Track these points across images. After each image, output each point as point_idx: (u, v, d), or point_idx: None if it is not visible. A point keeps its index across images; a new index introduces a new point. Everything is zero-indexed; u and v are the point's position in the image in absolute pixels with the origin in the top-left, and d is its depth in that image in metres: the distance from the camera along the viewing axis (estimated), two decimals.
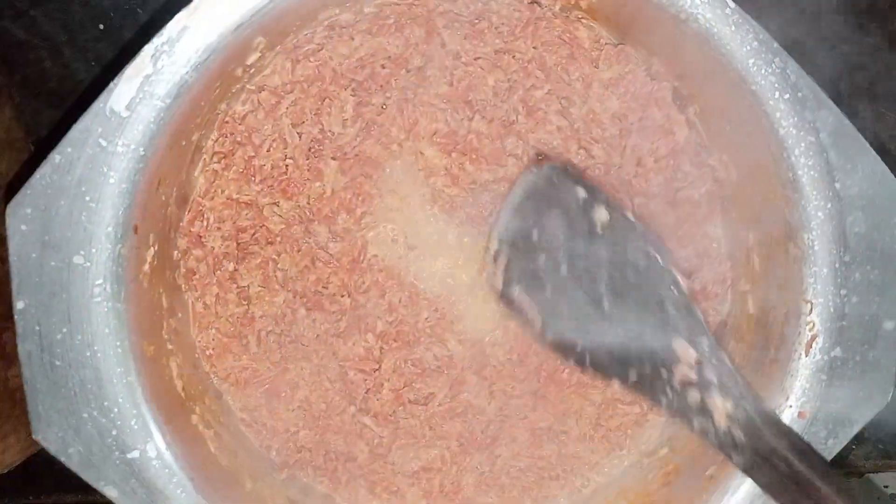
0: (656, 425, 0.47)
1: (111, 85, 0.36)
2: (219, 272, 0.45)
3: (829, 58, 0.57)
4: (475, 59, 0.44)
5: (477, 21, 0.44)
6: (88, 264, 0.37)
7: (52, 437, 0.37)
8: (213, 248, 0.45)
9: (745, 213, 0.44)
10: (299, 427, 0.46)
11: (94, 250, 0.37)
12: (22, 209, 0.36)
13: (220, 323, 0.45)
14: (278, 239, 0.45)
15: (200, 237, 0.44)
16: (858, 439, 0.62)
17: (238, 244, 0.45)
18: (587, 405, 0.46)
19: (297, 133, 0.44)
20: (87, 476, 0.38)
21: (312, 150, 0.45)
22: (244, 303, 0.45)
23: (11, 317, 0.51)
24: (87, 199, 0.36)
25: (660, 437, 0.47)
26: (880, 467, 0.64)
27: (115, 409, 0.38)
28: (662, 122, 0.44)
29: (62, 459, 0.38)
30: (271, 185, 0.45)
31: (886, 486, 0.67)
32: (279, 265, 0.45)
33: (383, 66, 0.44)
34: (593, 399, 0.46)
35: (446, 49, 0.43)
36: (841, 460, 0.62)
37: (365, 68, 0.44)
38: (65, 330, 0.37)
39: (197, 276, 0.45)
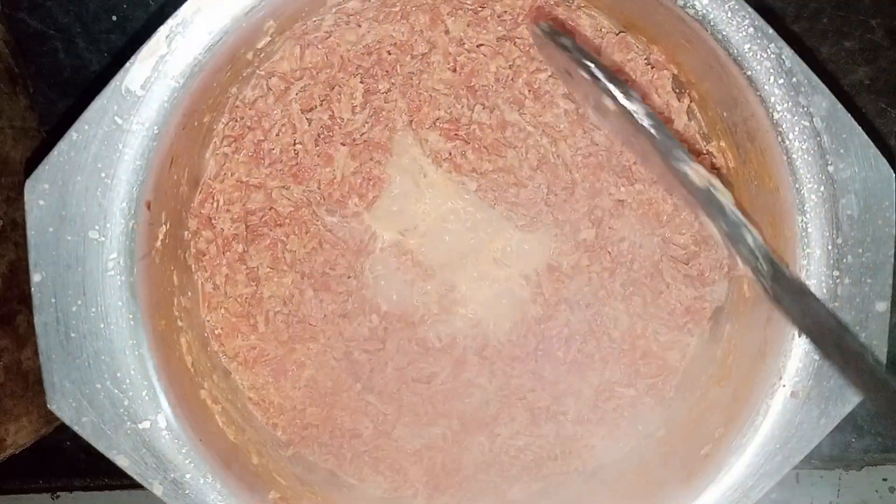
0: (653, 407, 0.48)
1: (127, 64, 0.37)
2: (228, 253, 0.46)
3: (832, 53, 0.58)
4: (478, 46, 0.45)
5: (480, 9, 0.45)
6: (103, 239, 0.38)
7: (65, 406, 0.39)
8: (223, 229, 0.46)
9: (741, 197, 0.45)
10: (306, 405, 0.47)
11: (108, 225, 0.38)
12: (40, 185, 0.37)
13: (228, 303, 0.46)
14: (287, 221, 0.46)
15: (210, 219, 0.46)
16: (858, 432, 0.63)
17: (247, 226, 0.46)
18: (585, 387, 0.47)
19: (307, 119, 0.46)
20: (99, 445, 0.39)
21: (322, 135, 0.46)
22: (253, 283, 0.46)
23: (24, 300, 0.52)
24: (103, 175, 0.37)
25: (657, 418, 0.48)
26: (879, 461, 0.64)
27: (127, 381, 0.39)
28: (662, 110, 0.45)
29: (75, 429, 0.39)
30: (281, 170, 0.46)
31: (885, 479, 0.67)
32: (287, 247, 0.46)
33: (389, 53, 0.45)
34: (590, 381, 0.47)
35: (450, 36, 0.45)
36: (840, 453, 0.63)
37: (371, 55, 0.45)
38: (80, 302, 0.38)
39: (207, 257, 0.46)
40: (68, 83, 0.57)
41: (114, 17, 0.56)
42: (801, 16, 0.58)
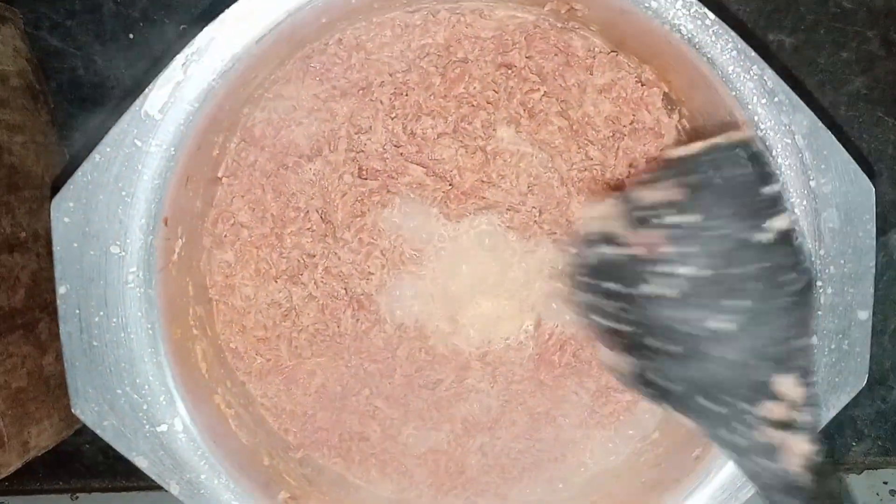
0: (648, 411, 0.50)
1: (146, 90, 0.39)
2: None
3: (829, 64, 0.60)
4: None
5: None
6: (123, 254, 0.40)
7: (88, 411, 0.41)
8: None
9: None
10: (316, 410, 0.49)
11: (128, 241, 0.40)
12: (65, 203, 0.39)
13: (243, 320, 0.48)
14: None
15: (223, 238, 0.48)
16: (858, 436, 0.64)
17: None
18: (582, 392, 0.49)
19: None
20: (120, 447, 0.41)
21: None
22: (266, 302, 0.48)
23: (46, 308, 0.54)
24: (123, 194, 0.40)
25: (652, 421, 0.50)
26: (880, 464, 0.65)
27: (146, 387, 0.41)
28: (652, 125, 0.47)
29: (98, 432, 0.41)
30: None
31: (886, 482, 0.68)
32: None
33: (381, 84, 0.47)
34: (588, 387, 0.49)
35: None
36: (840, 457, 0.64)
37: (362, 86, 0.47)
38: (102, 313, 0.40)
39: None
40: (87, 99, 0.59)
41: (131, 36, 0.59)
42: (799, 27, 0.59)
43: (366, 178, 0.47)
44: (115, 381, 0.41)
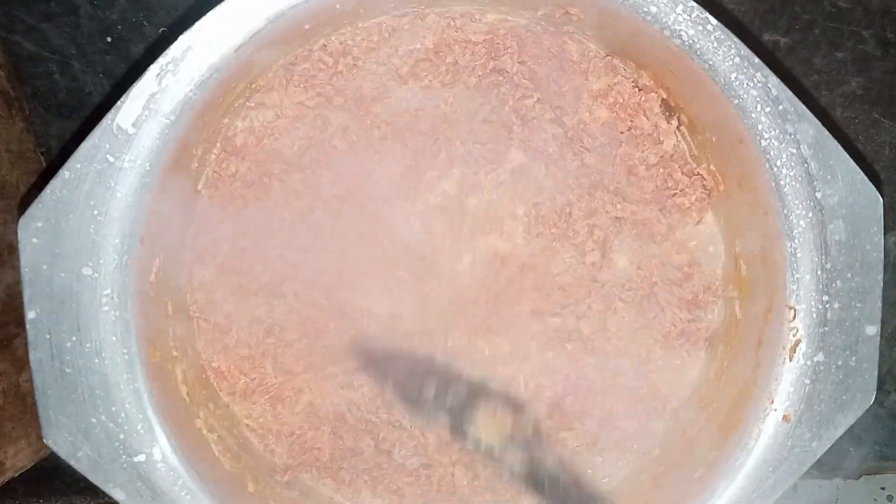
0: (653, 435, 0.48)
1: (118, 103, 0.37)
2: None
3: (824, 64, 0.58)
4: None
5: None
6: (96, 275, 0.38)
7: (61, 441, 0.39)
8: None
9: (732, 221, 0.45)
10: (305, 429, 0.48)
11: (101, 262, 0.38)
12: (33, 223, 0.38)
13: (225, 338, 0.47)
14: None
15: (203, 252, 0.46)
16: (856, 441, 0.63)
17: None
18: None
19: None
20: (96, 479, 0.39)
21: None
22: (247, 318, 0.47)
23: (22, 323, 0.52)
24: (95, 212, 0.38)
25: (653, 439, 0.48)
26: (877, 469, 0.64)
27: (123, 414, 0.39)
28: (651, 132, 0.45)
29: (72, 463, 0.39)
30: None
31: (883, 488, 0.68)
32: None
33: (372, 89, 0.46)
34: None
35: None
36: (838, 463, 0.63)
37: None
38: (74, 338, 0.39)
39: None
40: (64, 105, 0.57)
41: (108, 39, 0.57)
42: (794, 27, 0.58)
43: None
44: (89, 409, 0.39)
